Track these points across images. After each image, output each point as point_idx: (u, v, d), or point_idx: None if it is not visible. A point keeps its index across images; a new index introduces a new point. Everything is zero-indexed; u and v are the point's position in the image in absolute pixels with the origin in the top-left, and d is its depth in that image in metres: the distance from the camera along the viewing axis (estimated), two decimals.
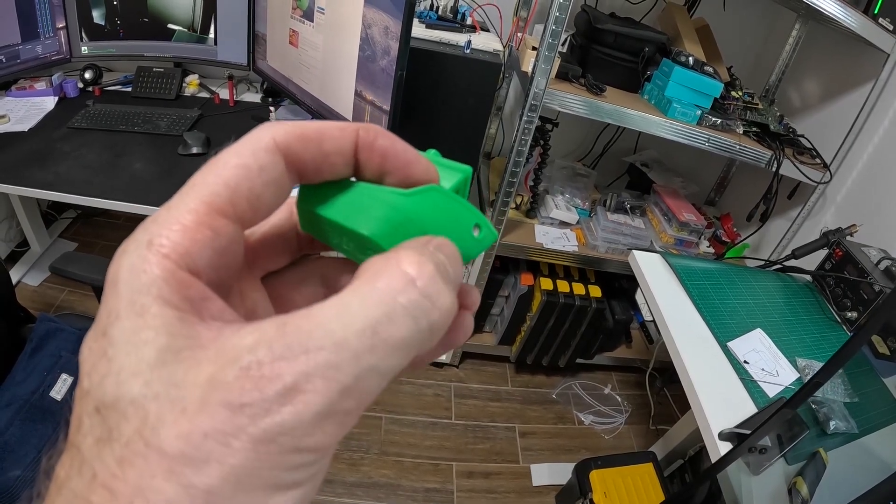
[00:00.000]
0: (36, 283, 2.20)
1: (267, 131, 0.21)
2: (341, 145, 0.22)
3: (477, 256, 0.22)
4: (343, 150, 0.22)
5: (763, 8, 2.07)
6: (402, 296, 0.17)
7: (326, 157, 0.22)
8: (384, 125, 1.43)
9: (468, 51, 1.66)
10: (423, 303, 0.18)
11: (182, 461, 0.15)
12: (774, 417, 0.84)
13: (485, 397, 2.18)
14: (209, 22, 1.94)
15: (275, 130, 0.21)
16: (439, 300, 0.18)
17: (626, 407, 2.27)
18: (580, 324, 2.06)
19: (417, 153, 0.24)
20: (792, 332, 1.33)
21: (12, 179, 1.44)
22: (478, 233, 0.24)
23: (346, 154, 0.22)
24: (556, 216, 2.01)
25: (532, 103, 1.60)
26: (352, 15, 1.45)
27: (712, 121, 1.68)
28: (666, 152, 2.38)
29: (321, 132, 0.21)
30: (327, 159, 0.22)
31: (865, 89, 1.68)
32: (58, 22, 1.82)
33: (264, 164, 0.20)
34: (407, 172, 0.23)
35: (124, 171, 1.54)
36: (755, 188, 2.00)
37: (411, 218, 0.22)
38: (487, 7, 1.95)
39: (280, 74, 1.83)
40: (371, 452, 1.87)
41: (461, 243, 0.22)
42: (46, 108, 1.79)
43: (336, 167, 0.22)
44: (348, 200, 0.22)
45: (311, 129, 0.21)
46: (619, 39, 1.72)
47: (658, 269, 1.43)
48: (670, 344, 1.22)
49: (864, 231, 1.53)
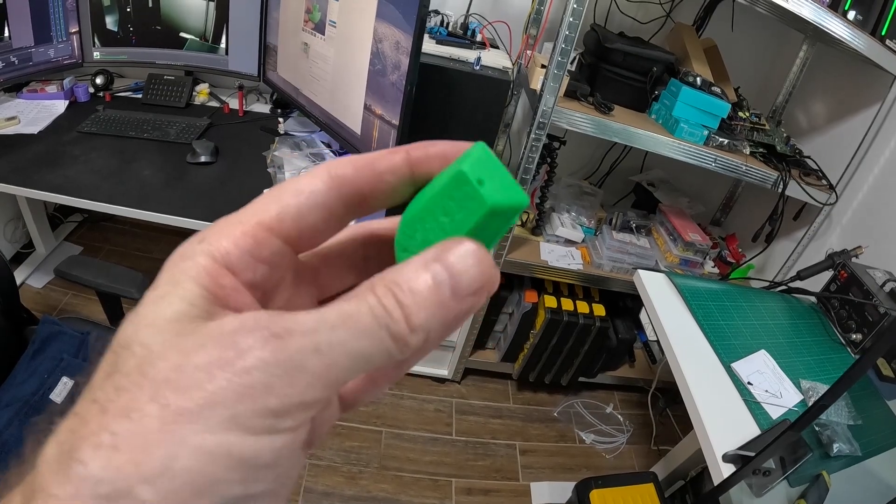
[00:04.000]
0: (40, 286, 2.21)
1: (324, 165, 0.23)
2: (392, 162, 0.24)
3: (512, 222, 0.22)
4: (395, 167, 0.24)
5: (771, 29, 2.08)
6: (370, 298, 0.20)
7: (380, 176, 0.24)
8: (392, 139, 1.45)
9: (478, 67, 1.68)
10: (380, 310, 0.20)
11: (167, 385, 0.18)
12: (779, 440, 0.84)
13: (486, 414, 2.17)
14: (221, 32, 1.96)
15: (331, 163, 0.23)
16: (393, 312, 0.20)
17: (627, 426, 2.25)
18: (583, 342, 2.06)
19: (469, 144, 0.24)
20: (796, 354, 1.33)
21: (21, 181, 1.45)
22: None
23: (399, 171, 0.24)
24: (562, 234, 2.01)
25: (540, 121, 1.61)
26: (363, 29, 1.46)
27: (719, 141, 1.68)
28: (672, 172, 2.38)
29: (373, 155, 0.24)
30: (381, 178, 0.24)
31: (872, 111, 1.69)
32: (71, 27, 1.84)
33: (315, 190, 0.23)
34: None
35: (132, 177, 1.55)
36: (761, 209, 2.00)
37: None
38: (497, 24, 1.97)
39: (290, 86, 1.84)
40: (370, 467, 1.86)
41: None
42: (57, 111, 1.81)
43: (391, 185, 0.24)
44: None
45: (362, 157, 0.24)
46: (627, 59, 1.73)
47: (663, 288, 1.43)
48: (674, 364, 1.21)
49: (870, 253, 1.53)
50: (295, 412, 0.19)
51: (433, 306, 0.21)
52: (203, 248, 0.21)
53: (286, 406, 0.18)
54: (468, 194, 0.22)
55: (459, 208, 0.22)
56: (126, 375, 0.18)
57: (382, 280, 0.21)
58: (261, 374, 0.18)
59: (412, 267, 0.21)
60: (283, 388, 0.18)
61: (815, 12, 1.48)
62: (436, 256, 0.21)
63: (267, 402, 0.18)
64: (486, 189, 0.22)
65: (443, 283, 0.21)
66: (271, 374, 0.18)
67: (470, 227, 0.22)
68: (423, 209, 0.23)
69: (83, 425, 0.18)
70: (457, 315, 0.21)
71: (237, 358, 0.18)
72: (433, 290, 0.20)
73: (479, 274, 0.21)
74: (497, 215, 0.22)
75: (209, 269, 0.21)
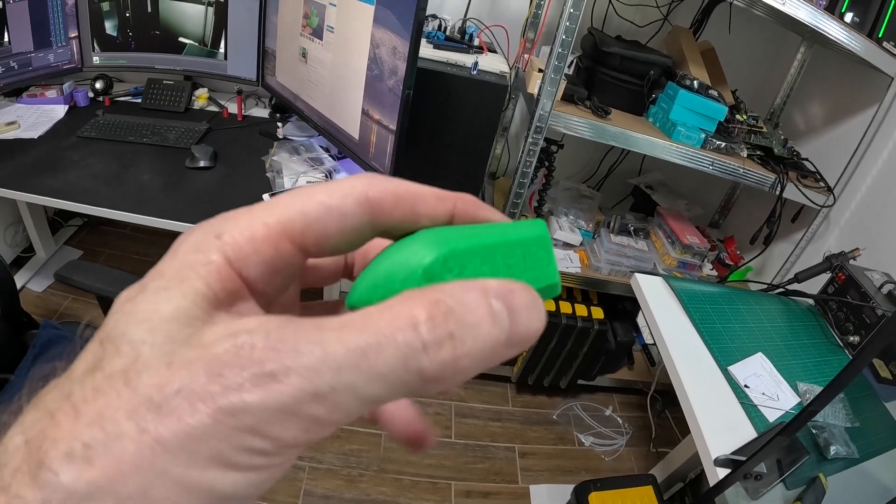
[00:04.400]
0: (40, 290, 2.21)
1: (363, 182, 0.21)
2: (436, 213, 0.23)
3: None
4: (436, 217, 0.23)
5: (768, 32, 2.09)
6: (401, 334, 0.17)
7: (417, 220, 0.22)
8: (391, 144, 1.45)
9: (475, 72, 1.68)
10: (416, 346, 0.17)
11: (147, 406, 0.16)
12: (769, 445, 0.84)
13: (485, 417, 2.17)
14: (220, 37, 1.97)
15: (372, 183, 0.21)
16: (435, 352, 0.18)
17: (626, 429, 2.26)
18: (582, 345, 2.06)
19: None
20: (793, 357, 1.33)
21: (20, 186, 1.46)
22: None
23: (438, 220, 0.23)
24: (560, 237, 2.01)
25: (538, 125, 1.62)
26: (360, 34, 1.47)
27: (716, 144, 1.68)
28: (670, 175, 2.39)
29: (416, 195, 0.22)
30: (418, 221, 0.22)
31: (869, 113, 1.69)
32: (70, 31, 1.85)
33: (346, 210, 0.21)
34: None
35: (132, 182, 1.56)
36: (759, 211, 2.00)
37: None
38: (495, 28, 1.97)
39: (288, 91, 1.85)
40: (370, 469, 1.86)
41: None
42: (56, 116, 1.82)
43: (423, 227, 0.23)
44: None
45: (406, 189, 0.22)
46: (624, 62, 1.74)
47: (660, 292, 1.43)
48: (671, 367, 1.22)
49: (867, 255, 1.53)
50: (284, 452, 0.18)
51: (487, 349, 0.19)
52: (219, 245, 0.20)
53: (274, 448, 0.17)
54: (542, 259, 0.22)
55: (525, 268, 0.22)
56: (108, 378, 0.17)
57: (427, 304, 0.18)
58: (248, 417, 0.16)
59: (469, 294, 0.19)
60: (271, 432, 0.17)
61: (811, 15, 1.49)
62: (497, 288, 0.19)
63: (252, 444, 0.17)
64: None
65: (503, 325, 0.19)
66: (259, 418, 0.16)
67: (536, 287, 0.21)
68: (482, 247, 0.21)
69: (54, 426, 0.17)
70: (499, 360, 0.19)
71: (221, 395, 0.16)
72: (491, 330, 0.18)
73: (539, 323, 0.20)
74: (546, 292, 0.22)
75: (220, 271, 0.19)
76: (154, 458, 0.16)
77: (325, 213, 0.21)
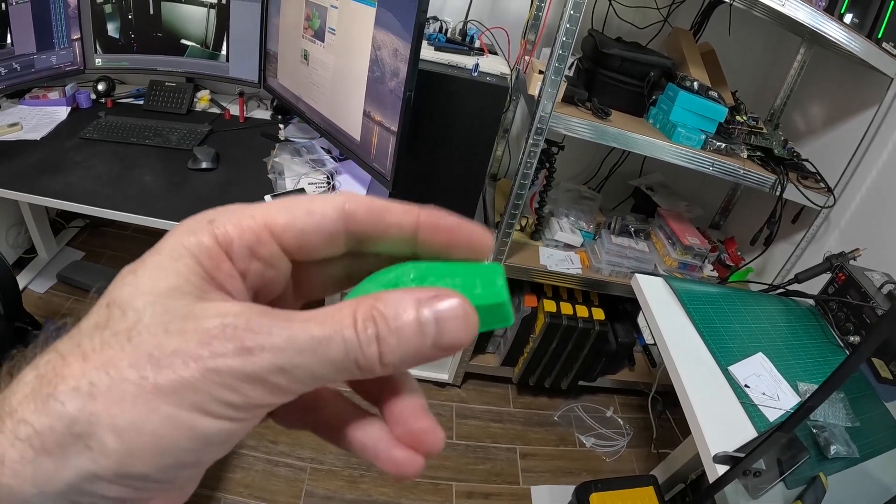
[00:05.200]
0: (42, 291, 2.22)
1: (343, 196, 0.25)
2: (402, 220, 0.26)
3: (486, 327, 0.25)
4: (402, 224, 0.26)
5: (768, 33, 2.09)
6: (347, 331, 0.22)
7: (387, 228, 0.26)
8: (392, 146, 1.46)
9: (476, 74, 1.69)
10: (353, 342, 0.21)
11: (147, 359, 0.20)
12: (768, 441, 0.84)
13: (486, 418, 2.18)
14: (222, 39, 1.98)
15: (349, 197, 0.25)
16: (366, 348, 0.22)
17: (627, 430, 2.26)
18: (583, 346, 2.06)
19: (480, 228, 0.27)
20: (794, 357, 1.33)
21: (23, 187, 1.46)
22: None
23: (405, 229, 0.26)
24: (561, 239, 2.02)
25: (538, 126, 1.62)
26: (362, 36, 1.47)
27: (717, 145, 1.69)
28: (671, 176, 2.39)
29: (385, 206, 0.26)
30: (387, 230, 0.26)
31: (869, 113, 1.69)
32: (73, 33, 1.86)
33: (325, 214, 0.25)
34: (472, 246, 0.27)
35: (134, 184, 1.56)
36: (759, 212, 2.00)
37: None
38: (495, 30, 1.98)
39: (290, 92, 1.86)
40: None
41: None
42: (59, 117, 1.82)
43: (393, 238, 0.26)
44: None
45: (377, 202, 0.26)
46: (624, 64, 1.74)
47: (660, 292, 1.44)
48: (671, 368, 1.22)
49: (868, 255, 1.53)
50: (252, 409, 0.21)
51: (411, 350, 0.22)
52: (210, 228, 0.23)
53: (245, 404, 0.21)
54: (492, 281, 0.25)
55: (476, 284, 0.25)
56: (114, 335, 0.21)
57: (365, 309, 0.22)
58: (227, 377, 0.20)
59: (402, 302, 0.22)
60: (244, 391, 0.21)
61: (811, 16, 1.49)
62: (429, 298, 0.23)
63: (229, 398, 0.21)
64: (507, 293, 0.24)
65: (428, 332, 0.22)
66: (235, 378, 0.20)
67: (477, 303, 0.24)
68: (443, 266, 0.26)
69: (64, 365, 0.20)
70: (426, 360, 0.23)
71: (210, 358, 0.20)
72: (416, 334, 0.22)
73: (465, 334, 0.23)
74: (492, 313, 0.24)
75: (210, 250, 0.23)
76: (150, 398, 0.20)
77: (305, 214, 0.24)
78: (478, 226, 0.27)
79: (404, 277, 0.25)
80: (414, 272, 0.25)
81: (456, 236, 0.26)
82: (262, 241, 0.24)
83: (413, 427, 0.26)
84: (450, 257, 0.26)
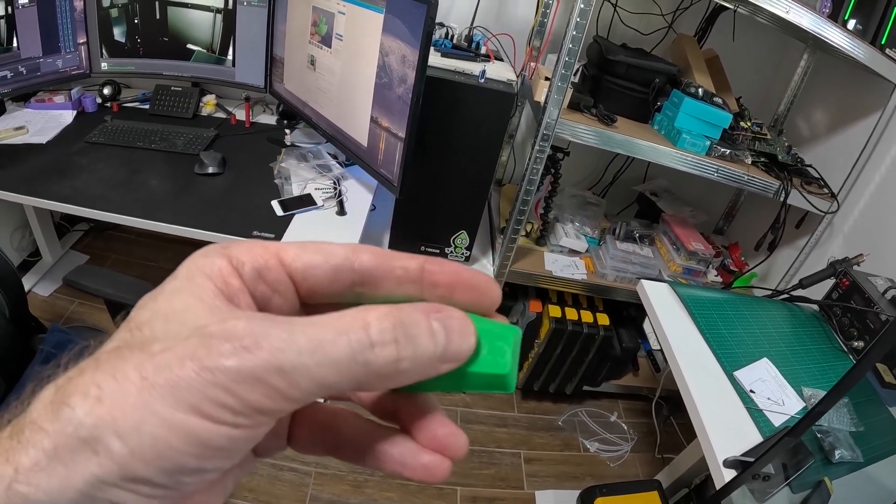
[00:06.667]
0: (46, 294, 2.22)
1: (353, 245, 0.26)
2: (407, 263, 0.26)
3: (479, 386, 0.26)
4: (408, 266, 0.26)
5: (772, 39, 2.10)
6: (353, 333, 0.22)
7: (392, 268, 0.26)
8: (399, 152, 1.46)
9: (483, 80, 1.69)
10: (364, 343, 0.22)
11: (150, 361, 0.21)
12: (777, 445, 0.85)
13: (491, 423, 2.18)
14: (228, 44, 1.98)
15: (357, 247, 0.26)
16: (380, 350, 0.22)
17: (632, 435, 2.26)
18: (588, 351, 2.06)
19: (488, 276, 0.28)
20: (798, 362, 1.34)
21: (29, 190, 1.47)
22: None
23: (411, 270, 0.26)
24: (566, 244, 2.02)
25: (544, 133, 1.63)
26: (369, 43, 1.48)
27: (721, 151, 1.69)
28: (675, 181, 2.39)
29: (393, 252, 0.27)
30: (392, 270, 0.26)
31: (873, 119, 1.70)
32: (79, 37, 1.86)
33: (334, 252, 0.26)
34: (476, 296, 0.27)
35: (140, 188, 1.57)
36: (763, 218, 2.01)
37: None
38: (501, 36, 1.99)
39: (296, 98, 1.86)
40: (376, 475, 1.87)
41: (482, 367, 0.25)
42: (65, 121, 1.83)
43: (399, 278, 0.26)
44: None
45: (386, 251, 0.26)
46: (630, 70, 1.75)
47: (666, 298, 1.44)
48: (677, 373, 1.22)
49: (871, 260, 1.53)
50: (251, 414, 0.21)
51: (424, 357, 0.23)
52: (223, 252, 0.25)
53: (242, 408, 0.21)
54: (501, 349, 0.25)
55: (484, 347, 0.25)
56: (129, 349, 0.22)
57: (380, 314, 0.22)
58: (223, 376, 0.20)
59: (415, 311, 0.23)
60: (239, 393, 0.20)
61: (814, 22, 1.50)
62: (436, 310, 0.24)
63: (225, 400, 0.20)
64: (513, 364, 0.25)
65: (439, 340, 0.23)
66: (232, 379, 0.20)
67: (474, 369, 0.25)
68: None
69: (80, 375, 0.21)
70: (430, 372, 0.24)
71: (207, 357, 0.20)
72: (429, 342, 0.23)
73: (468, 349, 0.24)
74: (491, 381, 0.25)
75: (222, 269, 0.24)
76: (148, 400, 0.20)
77: (314, 248, 0.26)
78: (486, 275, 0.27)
79: None
80: None
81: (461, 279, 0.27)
82: (270, 267, 0.25)
83: (438, 433, 0.26)
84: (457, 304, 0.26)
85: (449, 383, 0.25)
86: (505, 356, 0.25)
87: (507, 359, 0.25)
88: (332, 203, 1.63)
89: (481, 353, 0.25)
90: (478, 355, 0.25)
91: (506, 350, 0.25)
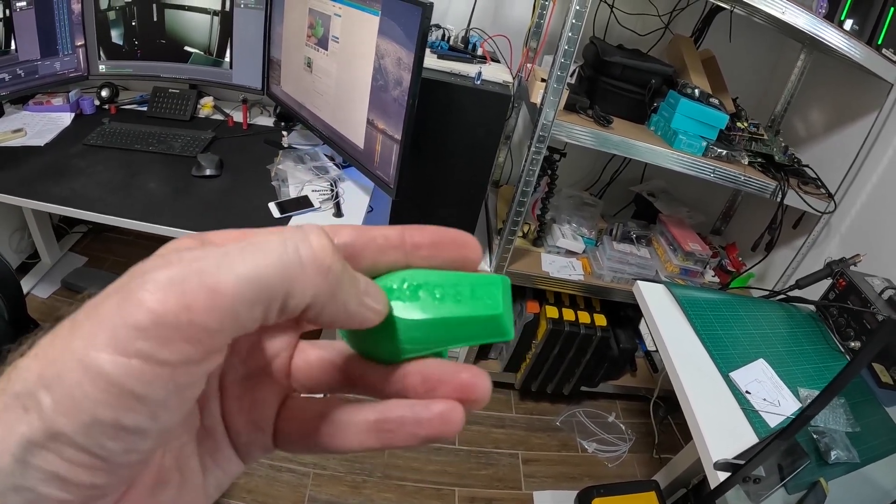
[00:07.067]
0: (45, 296, 2.22)
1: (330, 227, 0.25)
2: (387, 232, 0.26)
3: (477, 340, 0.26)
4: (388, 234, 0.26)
5: (768, 39, 2.10)
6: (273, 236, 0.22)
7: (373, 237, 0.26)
8: (395, 154, 1.46)
9: (479, 82, 1.70)
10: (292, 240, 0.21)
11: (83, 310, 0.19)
12: (767, 448, 0.85)
13: (488, 423, 2.18)
14: (225, 46, 1.99)
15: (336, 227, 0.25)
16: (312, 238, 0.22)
17: (629, 435, 2.26)
18: (585, 352, 2.07)
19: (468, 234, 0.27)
20: (795, 363, 1.34)
21: (28, 193, 1.47)
22: None
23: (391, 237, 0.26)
24: (563, 245, 2.02)
25: (540, 134, 1.63)
26: (365, 45, 1.48)
27: (718, 152, 1.70)
28: (672, 182, 2.40)
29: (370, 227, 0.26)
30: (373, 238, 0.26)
31: (869, 119, 1.70)
32: (77, 40, 1.87)
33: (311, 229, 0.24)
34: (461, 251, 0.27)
35: (138, 190, 1.57)
36: (760, 218, 2.01)
37: None
38: (498, 38, 1.99)
39: (293, 100, 1.87)
40: (374, 476, 1.87)
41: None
42: (63, 123, 1.83)
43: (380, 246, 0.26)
44: None
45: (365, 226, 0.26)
46: (626, 71, 1.75)
47: (662, 299, 1.44)
48: (673, 374, 1.23)
49: (868, 261, 1.54)
50: (172, 337, 0.19)
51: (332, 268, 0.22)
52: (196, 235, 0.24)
53: (156, 324, 0.18)
54: (490, 292, 0.25)
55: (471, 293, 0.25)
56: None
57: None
58: (137, 283, 0.19)
59: None
60: (154, 304, 0.18)
61: (811, 22, 1.50)
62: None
63: (138, 318, 0.18)
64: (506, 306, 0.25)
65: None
66: (145, 288, 0.19)
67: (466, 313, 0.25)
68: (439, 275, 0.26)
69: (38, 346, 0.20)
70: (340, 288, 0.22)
71: (129, 279, 0.19)
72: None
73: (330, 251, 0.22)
74: (487, 326, 0.25)
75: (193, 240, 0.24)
76: (69, 344, 0.19)
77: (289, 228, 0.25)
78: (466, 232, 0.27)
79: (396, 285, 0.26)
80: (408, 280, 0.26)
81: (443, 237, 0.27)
82: None
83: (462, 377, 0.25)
84: (443, 265, 0.26)
85: (447, 336, 0.25)
86: (496, 297, 0.25)
87: (499, 299, 0.25)
88: (329, 205, 1.64)
89: (473, 299, 0.25)
90: (470, 301, 0.25)
91: (496, 292, 0.25)
